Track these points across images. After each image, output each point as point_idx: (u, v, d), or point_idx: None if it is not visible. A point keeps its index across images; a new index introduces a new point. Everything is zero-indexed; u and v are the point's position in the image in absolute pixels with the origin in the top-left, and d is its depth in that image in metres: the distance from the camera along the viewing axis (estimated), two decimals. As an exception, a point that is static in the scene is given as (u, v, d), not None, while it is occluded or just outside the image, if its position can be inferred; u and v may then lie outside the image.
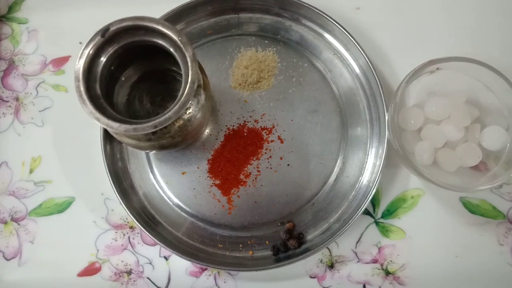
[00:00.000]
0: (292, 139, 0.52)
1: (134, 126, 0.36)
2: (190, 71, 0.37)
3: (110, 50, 0.39)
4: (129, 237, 0.52)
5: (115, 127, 0.36)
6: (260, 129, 0.52)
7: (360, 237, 0.51)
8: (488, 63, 0.47)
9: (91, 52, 0.38)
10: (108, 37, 0.38)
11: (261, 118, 0.53)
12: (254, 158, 0.52)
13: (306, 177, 0.51)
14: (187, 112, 0.41)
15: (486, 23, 0.56)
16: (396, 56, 0.55)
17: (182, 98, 0.37)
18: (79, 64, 0.37)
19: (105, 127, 0.37)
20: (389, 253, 0.51)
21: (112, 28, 0.38)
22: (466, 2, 0.56)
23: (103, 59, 0.39)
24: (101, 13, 0.54)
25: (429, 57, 0.48)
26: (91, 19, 0.54)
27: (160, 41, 0.39)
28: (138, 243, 0.52)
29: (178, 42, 0.37)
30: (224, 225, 0.51)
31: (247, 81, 0.53)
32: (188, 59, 0.37)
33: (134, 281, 0.51)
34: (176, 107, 0.37)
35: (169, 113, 0.37)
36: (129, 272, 0.51)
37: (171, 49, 0.39)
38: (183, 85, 0.37)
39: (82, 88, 0.37)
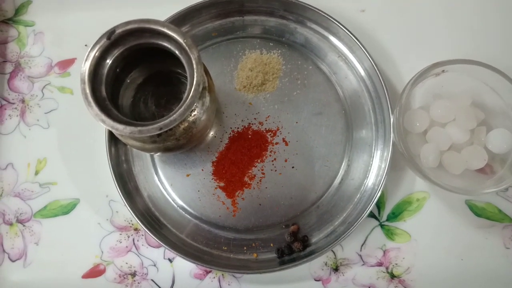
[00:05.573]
0: (297, 141, 0.52)
1: (139, 128, 0.36)
2: (195, 73, 0.37)
3: (116, 53, 0.39)
4: (133, 239, 0.52)
5: (120, 129, 0.36)
6: (264, 131, 0.52)
7: (365, 240, 0.51)
8: (494, 65, 0.47)
9: (97, 54, 0.38)
10: (114, 39, 0.38)
11: (266, 120, 0.53)
12: (259, 160, 0.52)
13: (311, 180, 0.51)
14: (192, 114, 0.41)
15: (490, 25, 0.56)
16: (401, 58, 0.55)
17: (187, 101, 0.37)
18: (85, 67, 0.37)
19: (110, 129, 0.37)
20: (394, 256, 0.51)
21: (118, 31, 0.38)
22: (470, 4, 0.56)
23: (108, 61, 0.39)
24: (106, 16, 0.55)
25: (434, 59, 0.48)
26: (96, 21, 0.54)
27: (166, 44, 0.39)
28: (143, 245, 0.52)
29: (184, 44, 0.37)
30: (228, 227, 0.51)
31: (252, 83, 0.53)
32: (194, 62, 0.37)
33: (139, 283, 0.51)
34: (181, 109, 0.37)
35: (174, 115, 0.37)
36: (133, 274, 0.51)
37: (177, 52, 0.39)
38: (188, 87, 0.37)
39: (87, 91, 0.37)
